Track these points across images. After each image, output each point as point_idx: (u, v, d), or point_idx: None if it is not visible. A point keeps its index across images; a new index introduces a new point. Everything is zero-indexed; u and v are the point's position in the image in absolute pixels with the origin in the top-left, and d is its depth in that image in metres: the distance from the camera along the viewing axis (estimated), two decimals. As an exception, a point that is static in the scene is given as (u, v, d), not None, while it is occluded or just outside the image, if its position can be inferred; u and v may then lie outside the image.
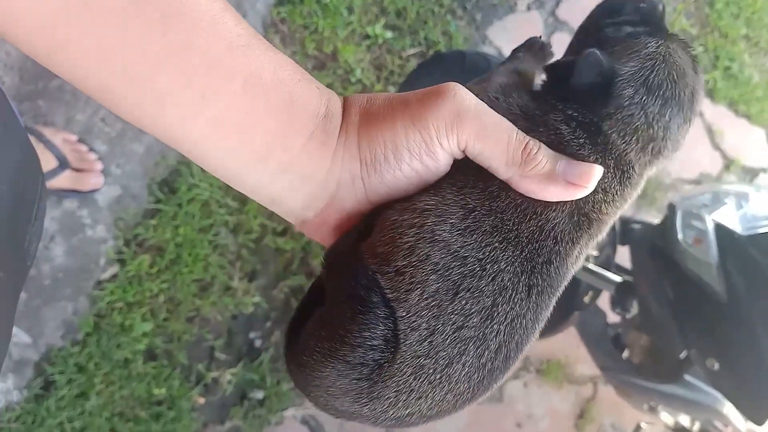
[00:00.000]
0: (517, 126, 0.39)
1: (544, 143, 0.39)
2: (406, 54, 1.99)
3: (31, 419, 1.45)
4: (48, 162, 1.46)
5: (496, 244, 0.37)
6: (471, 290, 0.36)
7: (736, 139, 2.52)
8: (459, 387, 0.37)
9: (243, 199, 1.70)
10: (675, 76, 0.41)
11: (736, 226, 1.22)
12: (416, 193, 0.39)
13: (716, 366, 1.21)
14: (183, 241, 1.61)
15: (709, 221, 1.22)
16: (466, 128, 0.37)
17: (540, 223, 0.38)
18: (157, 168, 1.62)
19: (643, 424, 1.88)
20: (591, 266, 1.40)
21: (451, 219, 0.37)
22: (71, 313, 1.51)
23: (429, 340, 0.36)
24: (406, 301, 0.36)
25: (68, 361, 1.48)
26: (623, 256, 1.46)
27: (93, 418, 1.50)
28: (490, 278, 0.36)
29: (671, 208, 1.29)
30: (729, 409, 1.33)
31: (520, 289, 0.37)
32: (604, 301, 1.53)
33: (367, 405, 0.37)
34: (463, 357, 0.36)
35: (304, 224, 0.42)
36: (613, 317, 1.53)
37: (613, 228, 1.46)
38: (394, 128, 0.38)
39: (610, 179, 0.40)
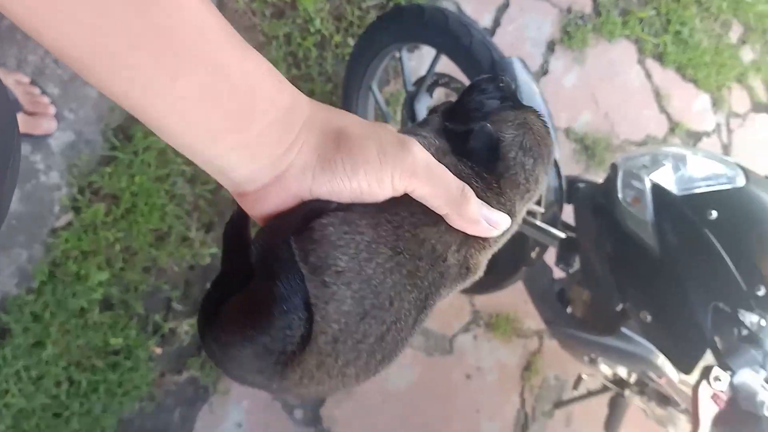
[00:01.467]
0: None
1: None
2: (366, 5, 1.98)
3: (-14, 367, 1.46)
4: (-2, 107, 1.43)
5: (408, 287, 0.46)
6: (375, 318, 0.45)
7: (682, 103, 2.61)
8: (348, 381, 0.46)
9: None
10: (538, 139, 0.53)
11: (672, 186, 1.29)
12: (357, 215, 0.46)
13: (649, 318, 1.30)
14: (139, 190, 1.60)
15: (648, 181, 1.28)
16: (417, 178, 0.46)
17: (441, 270, 0.48)
18: (112, 114, 1.61)
19: (584, 376, 1.99)
20: (537, 222, 1.46)
21: (379, 258, 0.45)
22: (26, 260, 1.51)
23: (333, 345, 0.44)
24: (324, 309, 0.43)
25: (23, 310, 1.49)
26: (568, 214, 1.53)
27: (49, 367, 1.51)
28: (392, 313, 0.45)
29: (613, 168, 1.35)
30: (662, 360, 1.42)
31: (410, 322, 0.47)
32: (550, 257, 1.60)
33: (275, 382, 0.45)
34: (357, 362, 0.45)
35: (242, 196, 0.46)
36: (558, 273, 1.60)
37: (560, 186, 1.53)
38: (362, 150, 0.45)
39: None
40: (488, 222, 0.50)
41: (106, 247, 1.57)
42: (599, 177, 1.54)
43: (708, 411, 1.11)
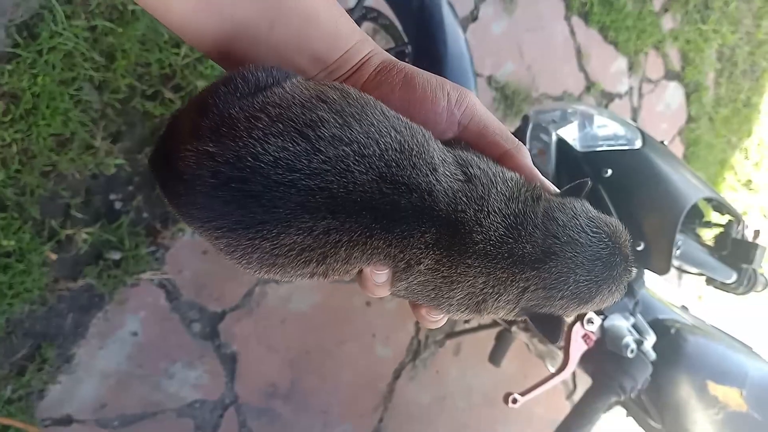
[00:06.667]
0: None
1: None
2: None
3: None
4: None
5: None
6: None
7: (600, 63, 2.69)
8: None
9: (111, 56, 1.62)
10: None
11: (576, 143, 1.35)
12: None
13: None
14: (41, 92, 1.52)
15: (554, 136, 1.34)
16: (477, 106, 0.50)
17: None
18: (17, 9, 1.50)
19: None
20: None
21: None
22: None
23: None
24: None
25: None
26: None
27: (-67, 263, 1.45)
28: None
29: (524, 120, 1.40)
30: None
31: None
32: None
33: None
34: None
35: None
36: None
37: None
38: (419, 71, 0.50)
39: None
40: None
41: (1, 147, 1.49)
42: (512, 127, 1.59)
43: (578, 349, 1.21)
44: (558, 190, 0.50)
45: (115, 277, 1.69)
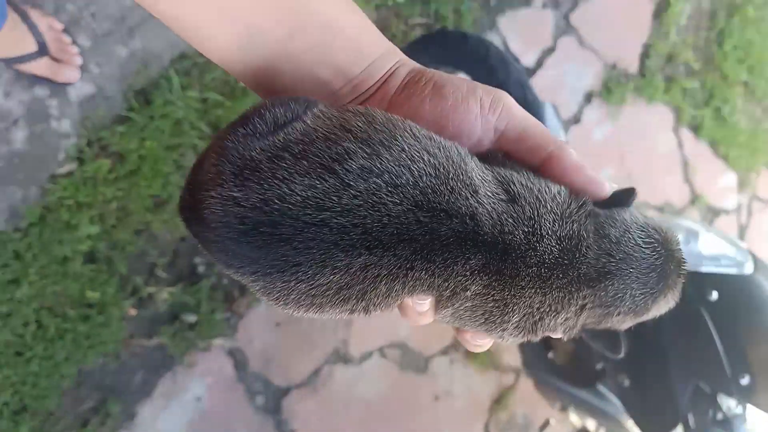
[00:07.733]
0: None
1: None
2: (413, 22, 1.97)
3: (-40, 295, 1.45)
4: (27, 45, 1.43)
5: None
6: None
7: (708, 177, 2.57)
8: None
9: (216, 126, 1.69)
10: None
11: (678, 259, 1.26)
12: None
13: (626, 383, 1.27)
14: (147, 155, 1.60)
15: (654, 249, 1.25)
16: (512, 110, 0.45)
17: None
18: (137, 76, 1.60)
19: (552, 421, 1.95)
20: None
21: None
22: (20, 200, 1.50)
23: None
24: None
25: (7, 246, 1.48)
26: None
27: (21, 306, 1.50)
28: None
29: (623, 229, 1.32)
30: (632, 424, 1.39)
31: None
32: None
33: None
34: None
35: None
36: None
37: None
38: (450, 77, 0.46)
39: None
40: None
41: (102, 202, 1.56)
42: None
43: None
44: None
45: (188, 340, 1.69)
